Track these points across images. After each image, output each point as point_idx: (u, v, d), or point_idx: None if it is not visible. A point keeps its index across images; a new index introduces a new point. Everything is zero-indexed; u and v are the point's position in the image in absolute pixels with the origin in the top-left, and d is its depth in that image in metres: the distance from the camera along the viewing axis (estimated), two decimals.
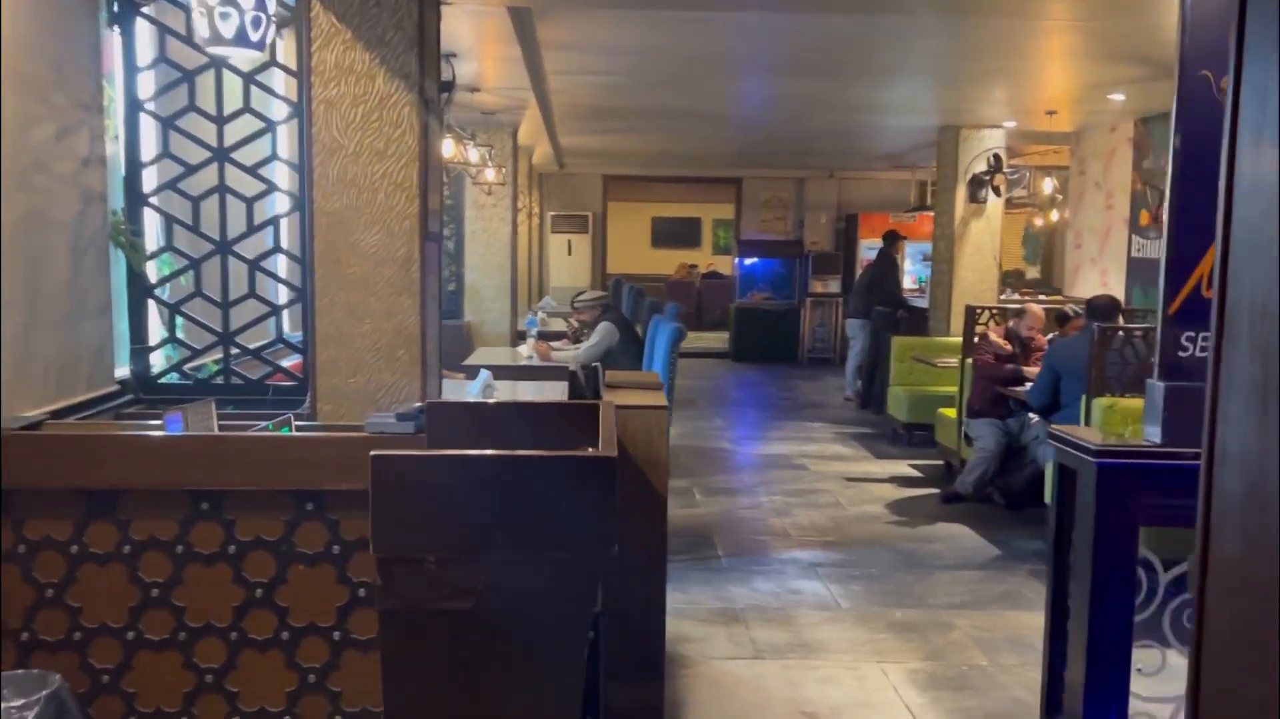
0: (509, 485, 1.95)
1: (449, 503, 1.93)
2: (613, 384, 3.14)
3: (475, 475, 1.98)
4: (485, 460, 2.04)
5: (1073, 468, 2.84)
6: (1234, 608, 1.09)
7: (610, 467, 1.94)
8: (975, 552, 5.21)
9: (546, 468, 1.97)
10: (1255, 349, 1.03)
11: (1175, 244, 2.64)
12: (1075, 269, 9.71)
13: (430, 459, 1.96)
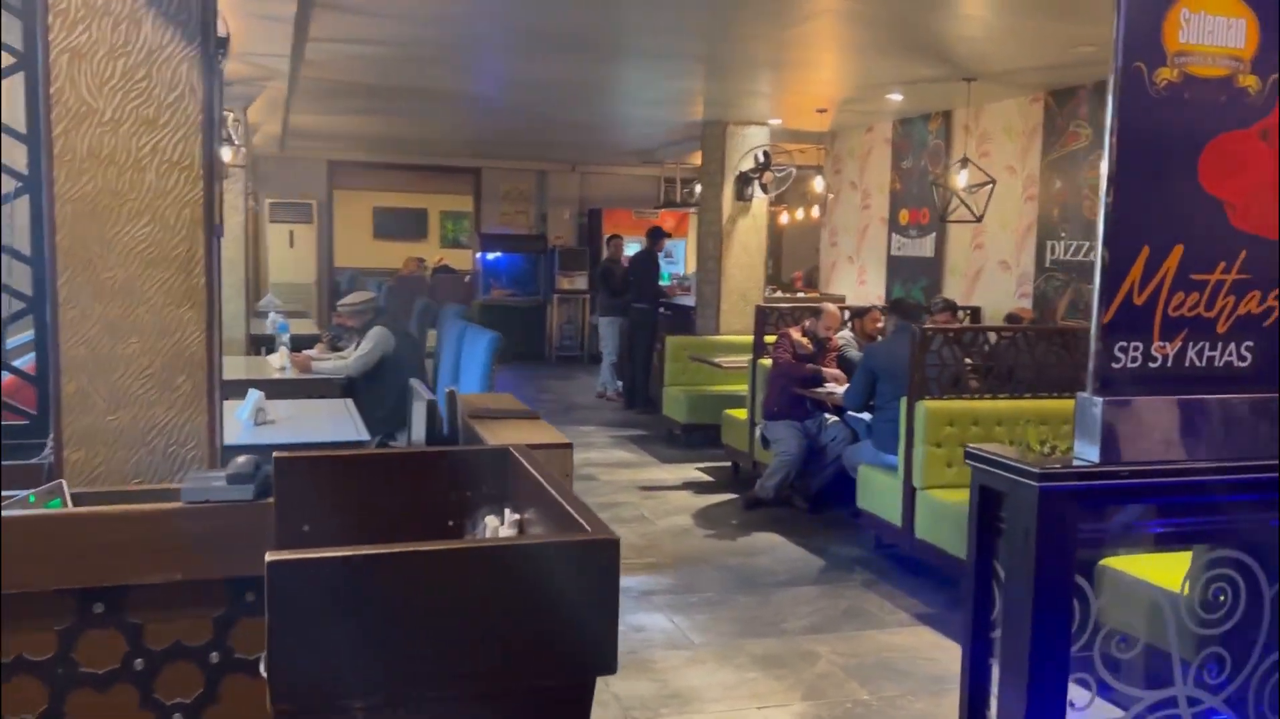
0: (478, 588, 1.41)
1: (389, 623, 1.36)
2: (476, 415, 2.60)
3: (427, 578, 1.41)
4: (445, 556, 1.47)
5: (1000, 490, 2.65)
6: None
7: (614, 553, 1.45)
8: (801, 563, 5.10)
9: (531, 560, 1.44)
10: None
11: (1110, 247, 2.49)
12: (832, 266, 10.07)
13: (363, 560, 1.37)
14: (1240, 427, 2.68)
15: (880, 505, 5.16)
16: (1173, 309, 2.57)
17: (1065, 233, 6.76)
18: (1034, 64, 6.14)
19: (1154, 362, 2.57)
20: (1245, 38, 2.54)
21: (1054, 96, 6.89)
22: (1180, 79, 2.49)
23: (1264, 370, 2.65)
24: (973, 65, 6.18)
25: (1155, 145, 2.52)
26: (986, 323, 7.58)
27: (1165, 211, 2.54)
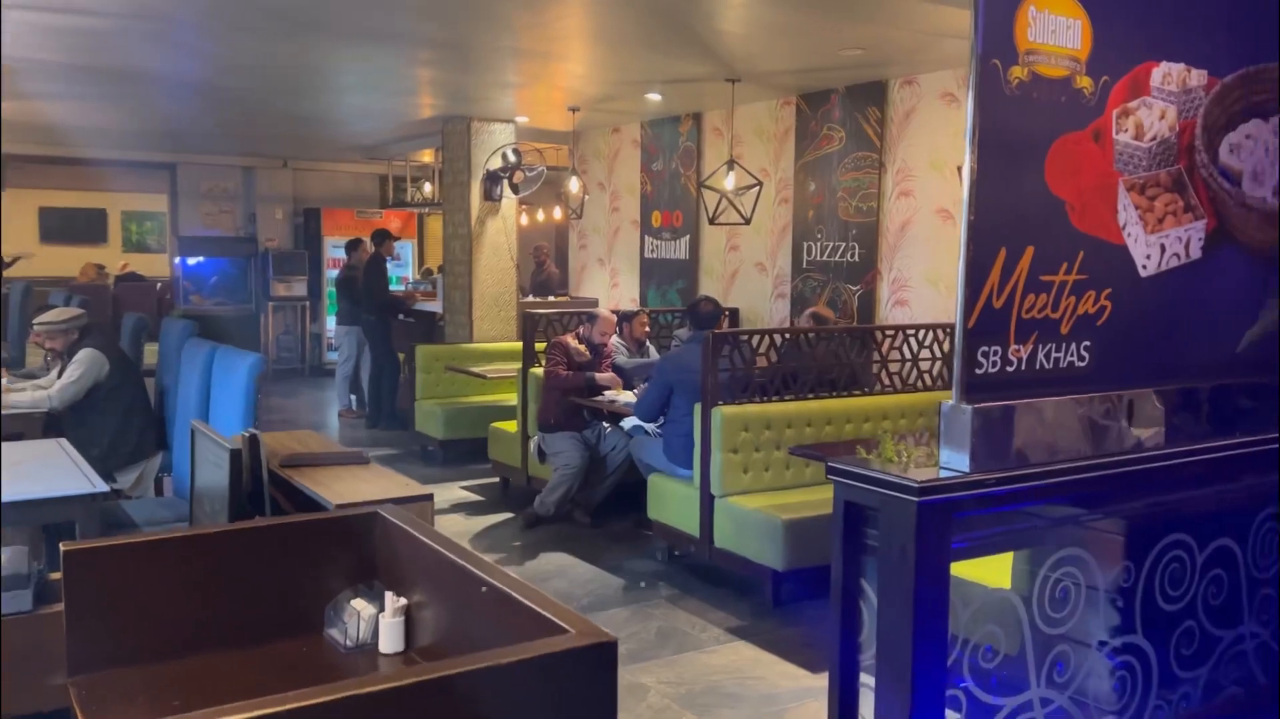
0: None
1: None
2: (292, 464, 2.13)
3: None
4: (379, 699, 1.06)
5: (871, 505, 2.54)
6: None
7: (612, 658, 1.13)
8: (599, 584, 4.87)
9: (520, 681, 1.08)
10: None
11: (972, 250, 2.45)
12: (581, 269, 9.93)
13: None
14: (1085, 425, 2.74)
15: (675, 516, 5.03)
16: (1025, 311, 2.57)
17: (821, 234, 7.00)
18: (797, 66, 6.28)
19: (1010, 365, 2.57)
20: (1081, 39, 2.58)
21: (806, 100, 7.12)
22: (1029, 78, 2.49)
23: (1101, 369, 2.73)
24: (737, 65, 6.23)
25: (1009, 145, 2.51)
26: (751, 325, 7.73)
27: (1018, 213, 2.53)
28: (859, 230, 6.73)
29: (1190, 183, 2.88)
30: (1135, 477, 2.81)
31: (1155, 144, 2.77)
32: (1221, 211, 2.95)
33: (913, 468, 2.54)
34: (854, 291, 6.77)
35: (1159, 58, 2.75)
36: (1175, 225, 2.87)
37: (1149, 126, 2.76)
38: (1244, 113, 2.97)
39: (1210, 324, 3.01)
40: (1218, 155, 2.92)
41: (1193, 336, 2.97)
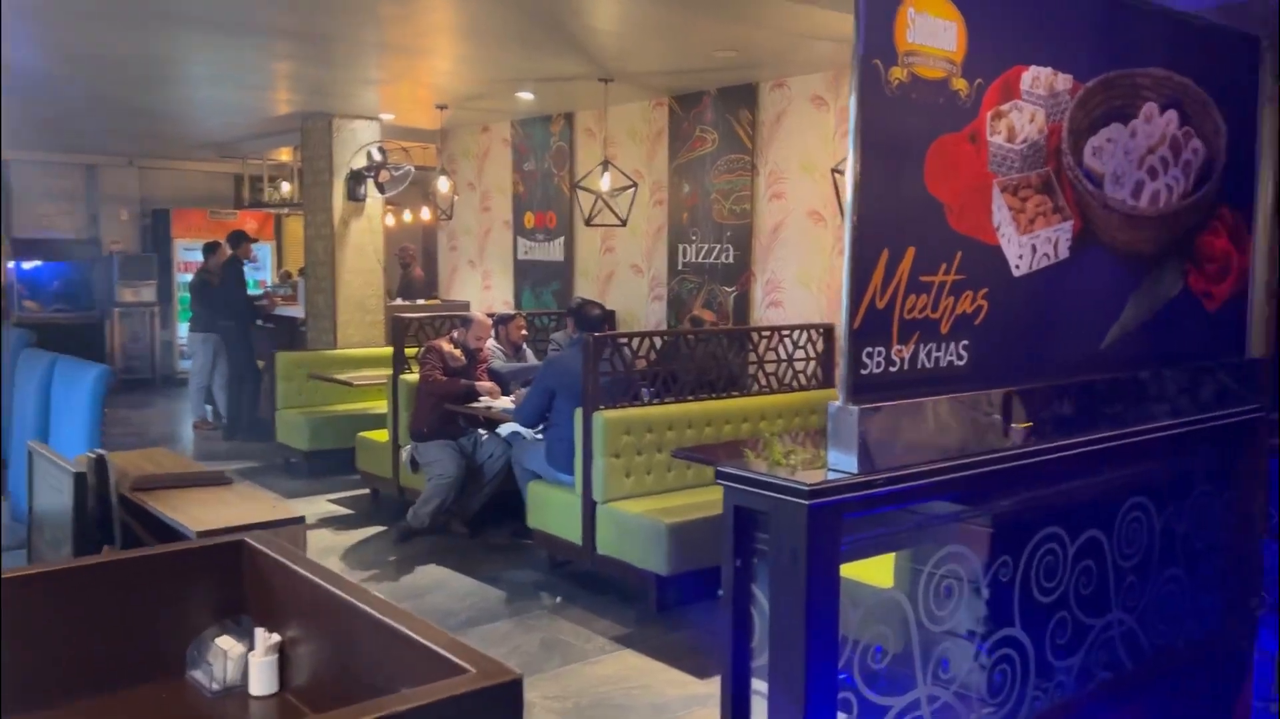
0: None
1: None
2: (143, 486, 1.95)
3: None
4: None
5: (761, 509, 2.51)
6: None
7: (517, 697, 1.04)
8: (479, 597, 4.74)
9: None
10: None
11: (856, 251, 2.45)
12: (452, 271, 9.71)
13: None
14: (966, 423, 2.79)
15: (556, 523, 4.94)
16: (907, 312, 2.59)
17: (696, 236, 7.02)
18: (670, 66, 6.28)
19: (894, 365, 2.58)
20: (956, 41, 2.62)
21: (678, 101, 7.13)
22: (909, 79, 2.51)
23: (979, 368, 2.78)
24: (611, 65, 6.18)
25: (890, 146, 2.51)
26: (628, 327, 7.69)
27: (900, 214, 2.55)
28: (733, 232, 6.78)
29: (1058, 185, 2.96)
30: (1012, 472, 2.88)
31: (1026, 146, 2.84)
32: (1087, 213, 3.05)
33: (801, 470, 2.53)
34: (729, 293, 6.82)
35: (1028, 61, 2.81)
36: (1045, 226, 2.95)
37: (1020, 129, 2.82)
38: (1105, 117, 3.08)
39: (1078, 322, 3.11)
40: (1082, 158, 3.02)
41: (1062, 335, 3.06)
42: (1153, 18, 3.16)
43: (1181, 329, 3.43)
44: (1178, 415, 3.39)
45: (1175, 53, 3.26)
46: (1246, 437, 3.67)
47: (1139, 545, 3.41)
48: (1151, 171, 3.25)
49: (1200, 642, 3.68)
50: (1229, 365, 3.58)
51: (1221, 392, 3.55)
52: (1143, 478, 3.40)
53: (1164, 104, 3.22)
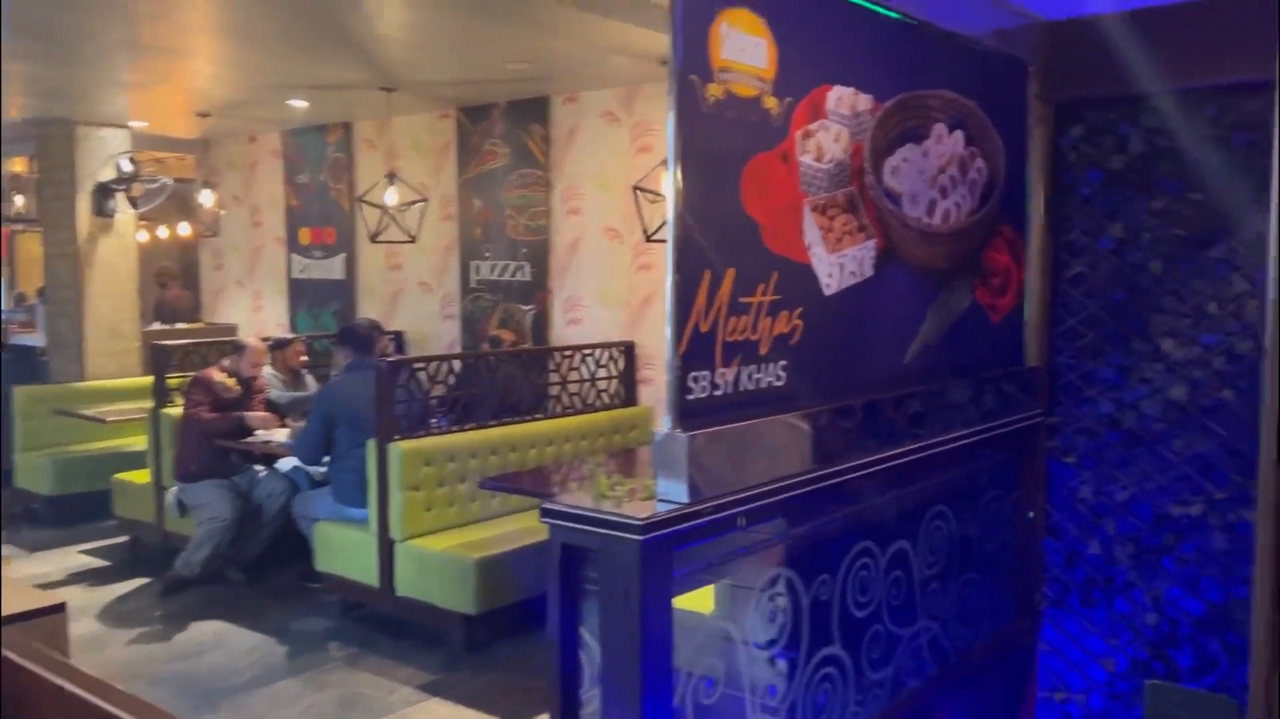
0: None
1: None
2: None
3: None
4: None
5: (590, 547, 2.41)
6: None
7: None
8: (263, 652, 4.36)
9: None
10: None
11: (679, 274, 2.40)
12: (218, 291, 9.05)
13: None
14: (787, 443, 2.79)
15: (349, 565, 4.64)
16: (729, 334, 2.57)
17: (489, 253, 6.85)
18: (458, 77, 6.08)
19: (718, 389, 2.54)
20: (767, 59, 2.62)
21: (466, 114, 6.93)
22: (725, 96, 2.48)
23: (797, 387, 2.79)
24: (394, 73, 5.91)
25: (709, 165, 2.48)
26: (419, 347, 7.40)
27: (720, 235, 2.52)
28: (529, 249, 6.66)
29: (862, 203, 3.03)
30: (832, 489, 2.91)
31: (833, 166, 2.89)
32: (888, 231, 3.14)
33: (630, 503, 2.44)
34: (527, 311, 6.69)
35: (833, 81, 2.86)
36: (852, 245, 3.01)
37: (827, 148, 2.86)
38: (901, 137, 3.19)
39: (884, 338, 3.19)
40: (882, 177, 3.11)
41: (871, 351, 3.13)
42: (939, 42, 3.31)
43: (972, 341, 3.61)
44: (971, 424, 3.56)
45: (960, 76, 3.43)
46: (1028, 441, 3.92)
47: (941, 553, 3.55)
48: (943, 190, 3.40)
49: (994, 639, 3.89)
50: (1011, 374, 3.80)
51: (1006, 400, 3.76)
52: (942, 486, 3.55)
53: (951, 125, 3.38)
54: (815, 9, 2.78)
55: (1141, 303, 3.73)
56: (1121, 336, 3.78)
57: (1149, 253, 3.69)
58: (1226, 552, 3.56)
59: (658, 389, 5.83)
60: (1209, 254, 3.57)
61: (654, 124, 6.03)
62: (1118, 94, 3.69)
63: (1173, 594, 3.70)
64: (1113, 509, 3.83)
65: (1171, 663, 3.72)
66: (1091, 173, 3.81)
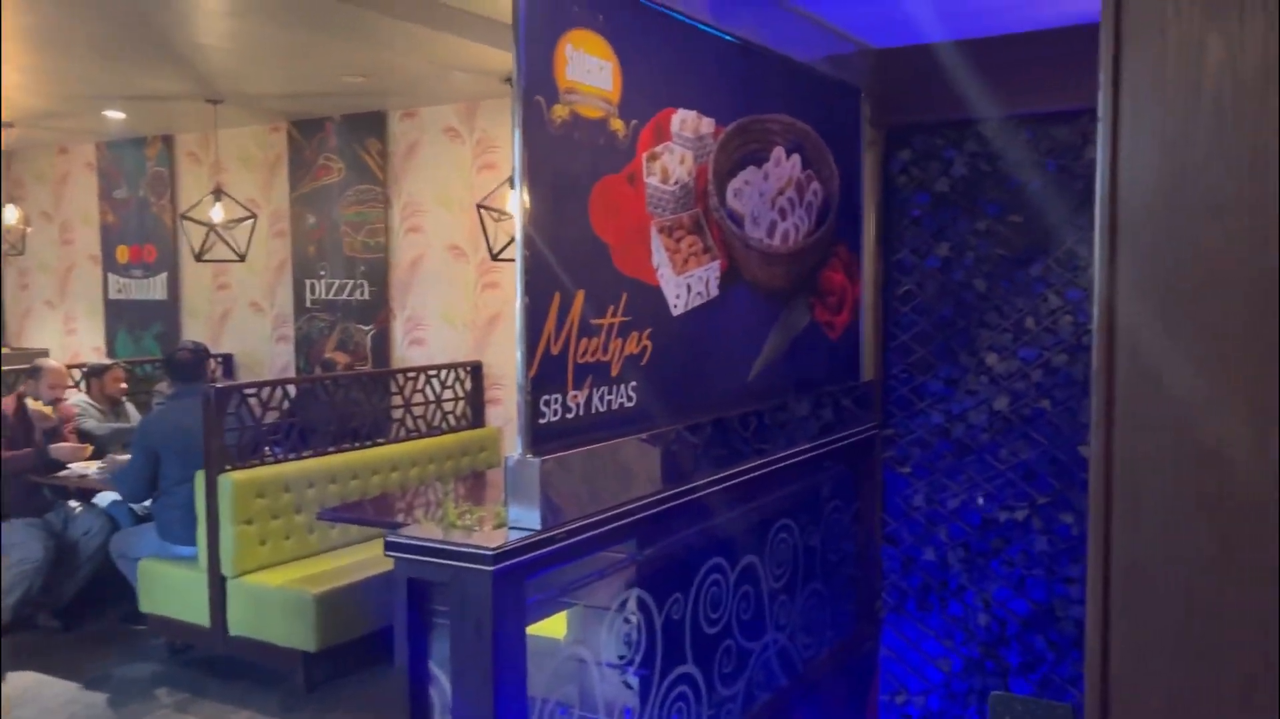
0: None
1: None
2: None
3: None
4: None
5: (440, 580, 2.33)
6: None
7: None
8: (82, 705, 4.04)
9: None
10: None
11: (529, 296, 2.37)
12: (25, 314, 8.39)
13: None
14: (640, 464, 2.78)
15: (176, 605, 4.35)
16: (580, 356, 2.54)
17: (325, 271, 6.60)
18: (290, 90, 5.84)
19: (570, 412, 2.51)
20: (612, 81, 2.62)
21: (298, 127, 6.68)
22: (570, 117, 2.46)
23: (647, 408, 2.79)
24: (220, 84, 5.63)
25: (557, 186, 2.45)
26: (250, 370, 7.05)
27: (569, 256, 2.49)
28: (367, 267, 6.46)
29: (706, 225, 3.07)
30: (683, 507, 2.93)
31: (678, 188, 2.91)
32: (732, 252, 3.19)
33: (481, 532, 2.37)
34: (366, 332, 6.49)
35: (677, 104, 2.88)
36: (698, 266, 3.04)
37: (672, 171, 2.89)
38: (742, 160, 3.25)
39: (730, 357, 3.24)
40: (725, 199, 3.15)
41: (718, 370, 3.17)
42: (777, 67, 3.39)
43: (811, 358, 3.71)
44: (813, 438, 3.66)
45: (797, 101, 3.53)
46: (865, 453, 4.05)
47: (786, 565, 3.63)
48: (782, 212, 3.49)
49: (838, 648, 4.00)
50: (848, 389, 3.93)
51: (844, 414, 3.88)
52: (787, 500, 3.62)
53: (789, 148, 3.47)
54: (658, 32, 2.80)
55: (967, 319, 3.93)
56: (949, 351, 3.96)
57: (973, 271, 3.89)
58: (1048, 553, 3.78)
59: (507, 409, 5.75)
60: (1028, 272, 3.79)
61: (497, 141, 5.96)
62: (943, 120, 3.88)
63: (1001, 595, 3.89)
64: (945, 516, 4.00)
65: (1002, 661, 3.91)
66: (920, 195, 3.99)
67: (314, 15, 4.19)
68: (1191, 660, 1.17)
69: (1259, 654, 1.15)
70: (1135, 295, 1.18)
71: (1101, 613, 1.17)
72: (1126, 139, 1.15)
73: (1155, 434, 1.18)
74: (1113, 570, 1.17)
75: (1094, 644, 1.19)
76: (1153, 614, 1.17)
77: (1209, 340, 1.15)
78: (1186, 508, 1.17)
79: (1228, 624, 1.17)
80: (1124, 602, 1.17)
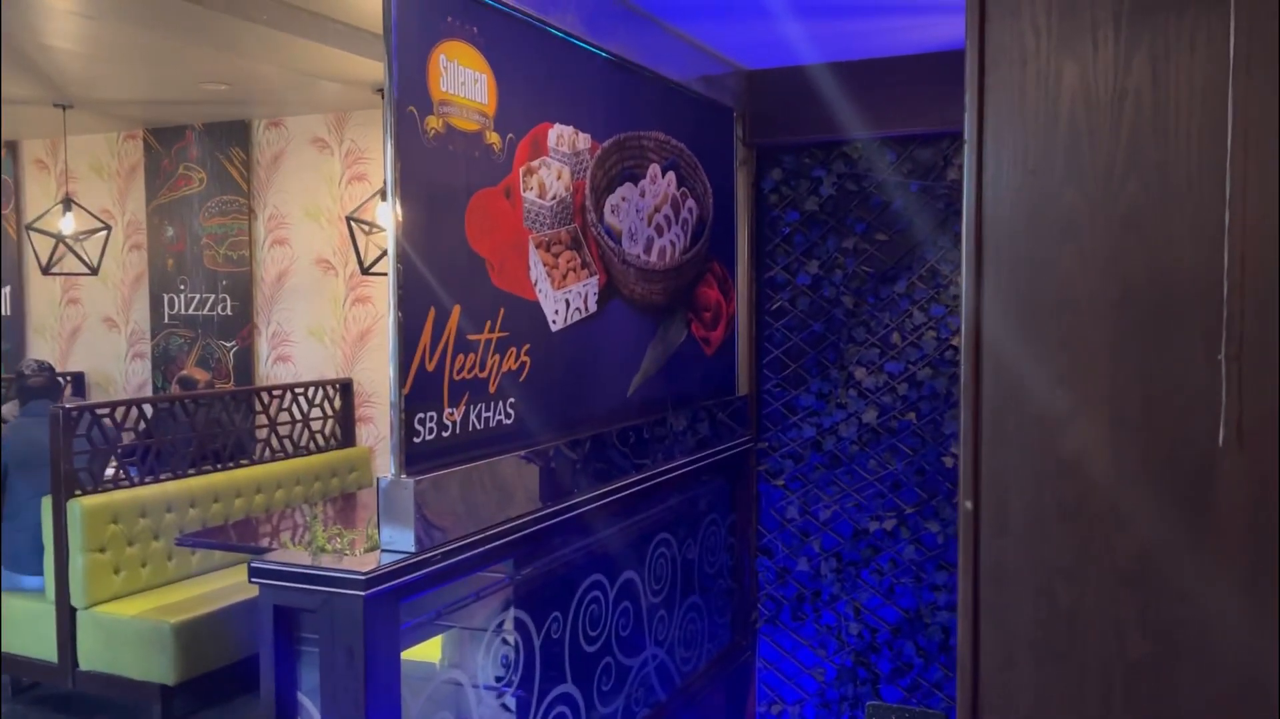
0: None
1: None
2: None
3: None
4: None
5: (308, 607, 2.25)
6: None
7: None
8: None
9: None
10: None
11: (402, 310, 2.32)
12: None
13: None
14: (519, 482, 2.74)
15: (20, 639, 4.07)
16: (456, 373, 2.49)
17: (185, 285, 6.30)
18: (147, 96, 5.57)
19: (446, 430, 2.46)
20: (487, 94, 2.59)
21: (156, 135, 6.37)
22: (445, 129, 2.42)
23: (525, 425, 2.76)
24: (70, 89, 5.32)
25: (431, 199, 2.41)
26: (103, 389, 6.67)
27: (445, 271, 2.45)
28: (230, 281, 6.20)
29: (585, 240, 3.06)
30: (562, 524, 2.90)
31: (556, 203, 2.89)
32: (609, 268, 3.19)
33: (351, 555, 2.30)
34: (229, 348, 6.22)
35: (553, 119, 2.87)
36: (576, 281, 3.03)
37: (550, 186, 2.87)
38: (619, 176, 3.26)
39: (609, 373, 3.23)
40: (603, 215, 3.16)
41: (597, 386, 3.16)
42: (651, 84, 3.42)
43: (689, 373, 3.74)
44: (690, 452, 3.69)
45: (671, 119, 3.57)
46: (740, 466, 4.11)
47: (665, 580, 3.64)
48: (659, 228, 3.51)
49: (715, 660, 4.03)
50: (724, 403, 3.98)
51: (720, 428, 3.93)
52: (665, 514, 3.64)
53: (665, 166, 3.50)
54: (533, 46, 2.78)
55: (837, 334, 4.03)
56: (820, 365, 4.06)
57: (842, 288, 4.00)
58: (916, 562, 3.90)
59: (378, 428, 5.60)
60: (893, 289, 3.92)
61: (367, 152, 5.82)
62: (812, 140, 3.99)
63: (872, 603, 4.00)
64: (817, 527, 4.09)
65: (874, 668, 4.01)
66: (791, 213, 4.08)
67: (170, 19, 4.01)
68: (1055, 662, 1.22)
69: (1116, 654, 1.20)
70: (999, 312, 1.23)
71: (971, 618, 1.21)
72: (990, 161, 1.19)
73: (1019, 445, 1.22)
74: (981, 576, 1.21)
75: (964, 649, 1.22)
76: (1018, 618, 1.22)
77: (1069, 355, 1.21)
78: (1048, 516, 1.22)
79: (1087, 626, 1.22)
80: (990, 607, 1.21)
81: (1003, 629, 1.19)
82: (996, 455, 1.21)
